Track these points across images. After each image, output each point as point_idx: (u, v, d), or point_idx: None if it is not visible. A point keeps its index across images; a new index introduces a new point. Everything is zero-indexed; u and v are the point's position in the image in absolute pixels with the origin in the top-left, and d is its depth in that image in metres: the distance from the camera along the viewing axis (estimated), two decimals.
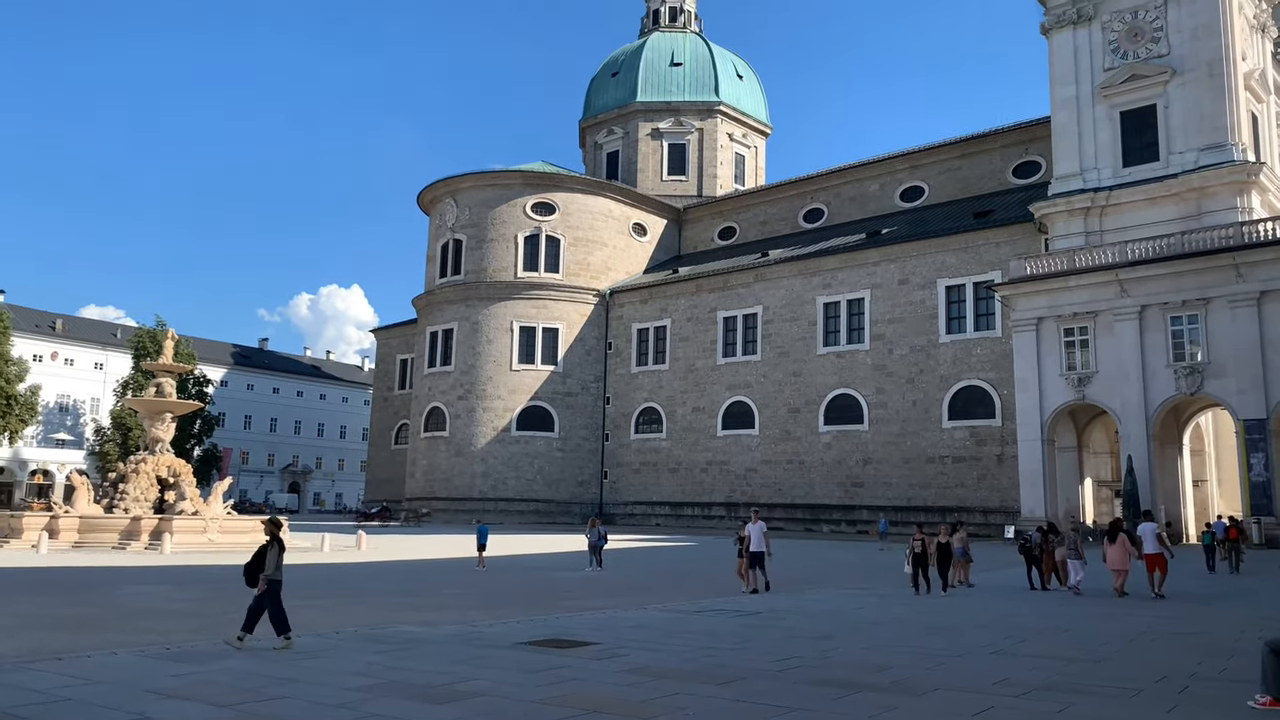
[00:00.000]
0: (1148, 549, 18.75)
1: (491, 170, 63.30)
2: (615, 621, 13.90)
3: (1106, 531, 19.01)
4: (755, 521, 18.76)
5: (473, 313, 61.28)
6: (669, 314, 59.23)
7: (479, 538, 25.63)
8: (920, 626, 13.88)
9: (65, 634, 12.03)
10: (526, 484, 59.06)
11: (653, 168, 72.57)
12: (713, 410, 56.16)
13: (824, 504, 50.65)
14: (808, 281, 53.28)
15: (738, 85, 75.86)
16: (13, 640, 11.28)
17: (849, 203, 60.48)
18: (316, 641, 11.33)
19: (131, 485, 32.78)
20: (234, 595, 17.54)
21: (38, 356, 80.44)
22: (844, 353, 51.16)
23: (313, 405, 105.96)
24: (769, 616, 14.66)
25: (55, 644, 10.86)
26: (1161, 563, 18.43)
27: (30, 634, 11.98)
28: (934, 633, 13.18)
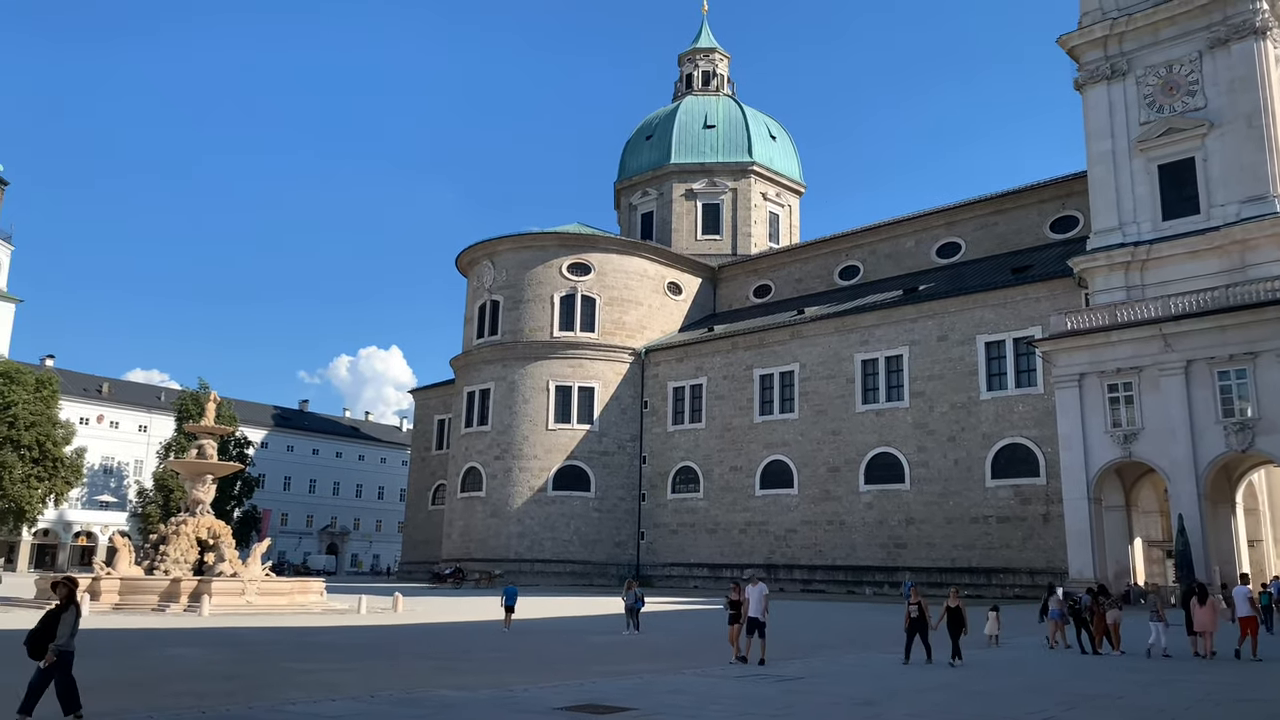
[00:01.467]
0: (1241, 612, 18.37)
1: (528, 232, 64.13)
2: (652, 686, 13.63)
3: (1194, 594, 18.65)
4: (755, 584, 17.10)
5: (509, 373, 61.62)
6: (705, 372, 59.13)
7: (506, 599, 25.46)
8: (966, 692, 13.44)
9: (105, 697, 12.00)
10: (563, 545, 58.67)
11: (687, 227, 73.14)
12: (750, 469, 55.65)
13: (866, 565, 49.70)
14: (845, 339, 53.02)
15: (771, 145, 76.60)
16: (52, 704, 11.27)
17: (885, 259, 60.39)
18: (352, 706, 11.19)
19: (172, 547, 32.94)
20: (272, 658, 17.47)
21: (84, 419, 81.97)
22: (883, 410, 50.64)
23: (351, 466, 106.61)
24: (809, 682, 14.30)
25: (96, 707, 10.82)
26: (1254, 625, 18.27)
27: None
28: (982, 699, 12.76)
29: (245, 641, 20.61)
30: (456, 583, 56.34)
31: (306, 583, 35.76)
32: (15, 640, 18.71)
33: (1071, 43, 44.35)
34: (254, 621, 25.89)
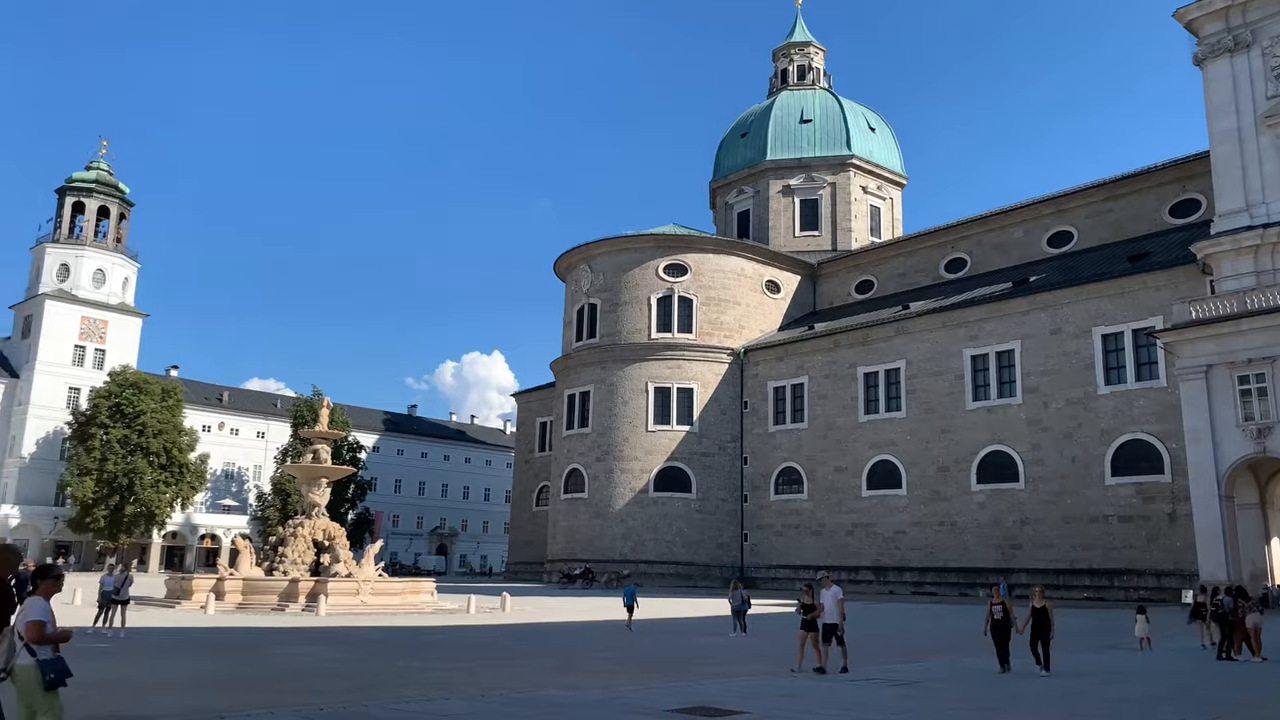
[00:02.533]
0: None
1: (623, 235, 64.29)
2: (763, 689, 13.38)
3: None
4: (829, 587, 15.99)
5: (608, 375, 61.91)
6: (806, 371, 58.23)
7: (626, 599, 25.56)
8: (1096, 698, 12.78)
9: (228, 693, 12.40)
10: (666, 546, 58.61)
11: (784, 224, 72.25)
12: (856, 470, 54.54)
13: (979, 567, 48.12)
14: (952, 334, 51.49)
15: (870, 138, 75.09)
16: (179, 698, 11.69)
17: (992, 251, 58.48)
18: (465, 705, 11.28)
19: (290, 549, 34.02)
20: (387, 657, 17.84)
21: (206, 427, 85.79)
22: (995, 407, 48.96)
23: (458, 469, 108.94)
24: (925, 687, 13.82)
25: (219, 703, 11.18)
26: None
27: (196, 693, 12.40)
28: (1110, 707, 12.10)
29: (360, 640, 21.11)
30: (587, 583, 56.42)
31: (418, 583, 36.53)
32: (146, 636, 19.54)
33: (1189, 16, 42.02)
34: (368, 621, 26.55)
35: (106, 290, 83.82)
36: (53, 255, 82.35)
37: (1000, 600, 15.66)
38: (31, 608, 6.82)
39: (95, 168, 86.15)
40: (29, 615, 6.76)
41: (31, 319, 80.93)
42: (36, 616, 6.76)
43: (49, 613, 6.86)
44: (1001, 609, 15.50)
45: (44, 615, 6.82)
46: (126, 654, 17.39)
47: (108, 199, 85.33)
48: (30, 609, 6.81)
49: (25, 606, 6.88)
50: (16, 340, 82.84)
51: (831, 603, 15.62)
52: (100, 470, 69.14)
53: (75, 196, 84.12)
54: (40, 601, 6.90)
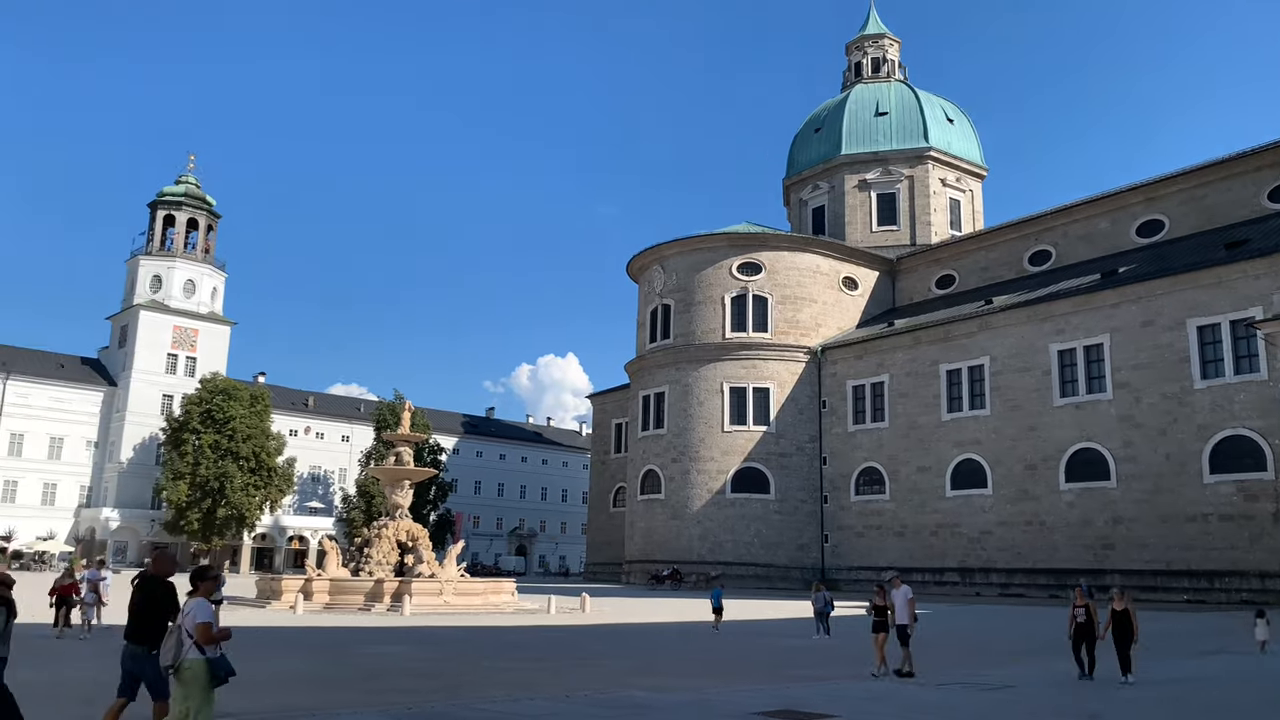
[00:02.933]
0: None
1: (696, 235, 63.93)
2: (849, 692, 13.08)
3: None
4: (898, 586, 15.67)
5: (683, 375, 61.66)
6: (886, 369, 57.14)
7: (714, 601, 25.45)
8: (1197, 707, 12.17)
9: (317, 692, 12.59)
10: (744, 547, 58.11)
11: (861, 220, 71.12)
12: (939, 469, 53.31)
13: (1069, 568, 46.55)
14: (1038, 328, 49.97)
15: (948, 129, 73.48)
16: (270, 697, 11.89)
17: (1078, 242, 56.64)
18: (548, 705, 11.25)
19: (375, 550, 34.62)
20: (470, 657, 17.97)
21: (293, 431, 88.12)
22: (1083, 404, 47.35)
23: (536, 470, 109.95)
24: (1017, 692, 13.35)
25: (307, 701, 11.34)
26: None
27: (285, 692, 12.61)
28: (1213, 714, 11.49)
29: (444, 640, 21.32)
30: (675, 584, 56.05)
31: (499, 583, 36.85)
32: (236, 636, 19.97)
33: None
34: (451, 621, 26.84)
35: (196, 300, 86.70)
36: (146, 267, 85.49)
37: (1084, 602, 14.90)
38: (197, 609, 7.27)
39: (184, 181, 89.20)
40: (197, 617, 7.23)
41: (127, 329, 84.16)
42: (204, 618, 7.24)
43: (213, 613, 7.35)
44: (1085, 612, 14.76)
45: (209, 616, 7.29)
46: None
47: (196, 211, 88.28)
48: (196, 610, 7.27)
49: (190, 607, 7.31)
50: (114, 350, 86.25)
51: (901, 603, 15.26)
52: (193, 474, 71.49)
53: (166, 210, 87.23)
54: (203, 602, 7.36)
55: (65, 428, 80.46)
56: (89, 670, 14.27)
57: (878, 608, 15.59)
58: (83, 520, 79.18)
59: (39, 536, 75.64)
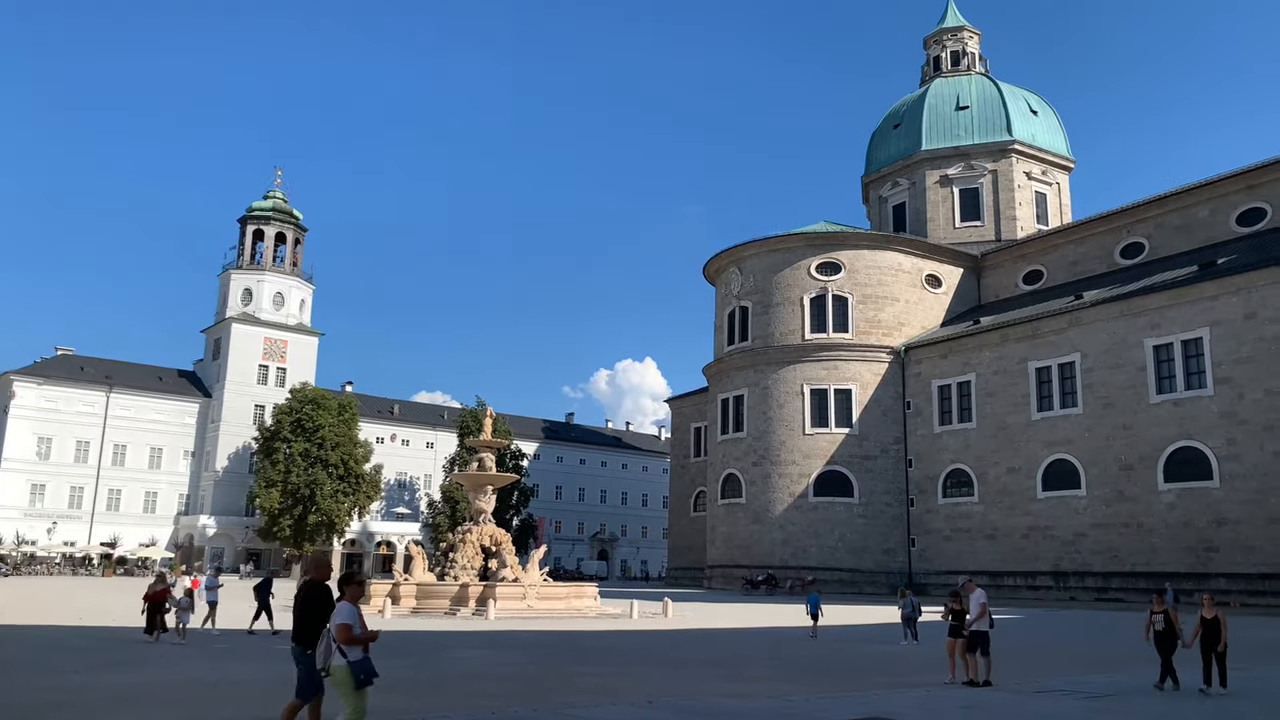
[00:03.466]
0: None
1: (773, 236, 63.27)
2: (939, 700, 12.66)
3: None
4: (972, 590, 15.05)
5: (762, 378, 61.07)
6: (972, 368, 55.69)
7: (810, 606, 25.10)
8: None
9: (402, 696, 12.69)
10: (829, 552, 57.21)
11: (943, 216, 69.56)
12: (1030, 470, 51.71)
13: (1170, 571, 44.66)
14: (1131, 323, 48.13)
15: (1032, 121, 71.43)
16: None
17: (1174, 233, 54.42)
18: (631, 711, 11.13)
19: (459, 554, 34.98)
20: (554, 661, 17.99)
21: (380, 439, 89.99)
22: (1182, 400, 45.41)
23: (616, 475, 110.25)
24: (1121, 700, 12.76)
25: (394, 705, 11.42)
26: None
27: (372, 695, 12.72)
28: None
29: (528, 644, 21.40)
30: (770, 589, 55.28)
31: (581, 587, 36.91)
32: None
33: None
34: (534, 625, 26.94)
35: (285, 312, 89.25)
36: (237, 281, 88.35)
37: (1163, 608, 14.08)
38: (340, 612, 7.50)
39: (272, 196, 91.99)
40: (337, 618, 7.44)
41: (220, 342, 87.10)
42: (344, 619, 7.42)
43: (356, 616, 7.50)
44: (1164, 618, 13.93)
45: (351, 618, 7.44)
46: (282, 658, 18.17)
47: (283, 226, 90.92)
48: (339, 613, 7.50)
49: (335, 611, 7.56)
50: (208, 362, 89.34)
51: (975, 608, 14.63)
52: (284, 482, 73.51)
53: (255, 225, 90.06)
54: (348, 606, 7.56)
55: (164, 438, 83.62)
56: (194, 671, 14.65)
57: (954, 612, 15.03)
58: (181, 527, 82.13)
59: (141, 543, 78.77)
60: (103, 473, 79.81)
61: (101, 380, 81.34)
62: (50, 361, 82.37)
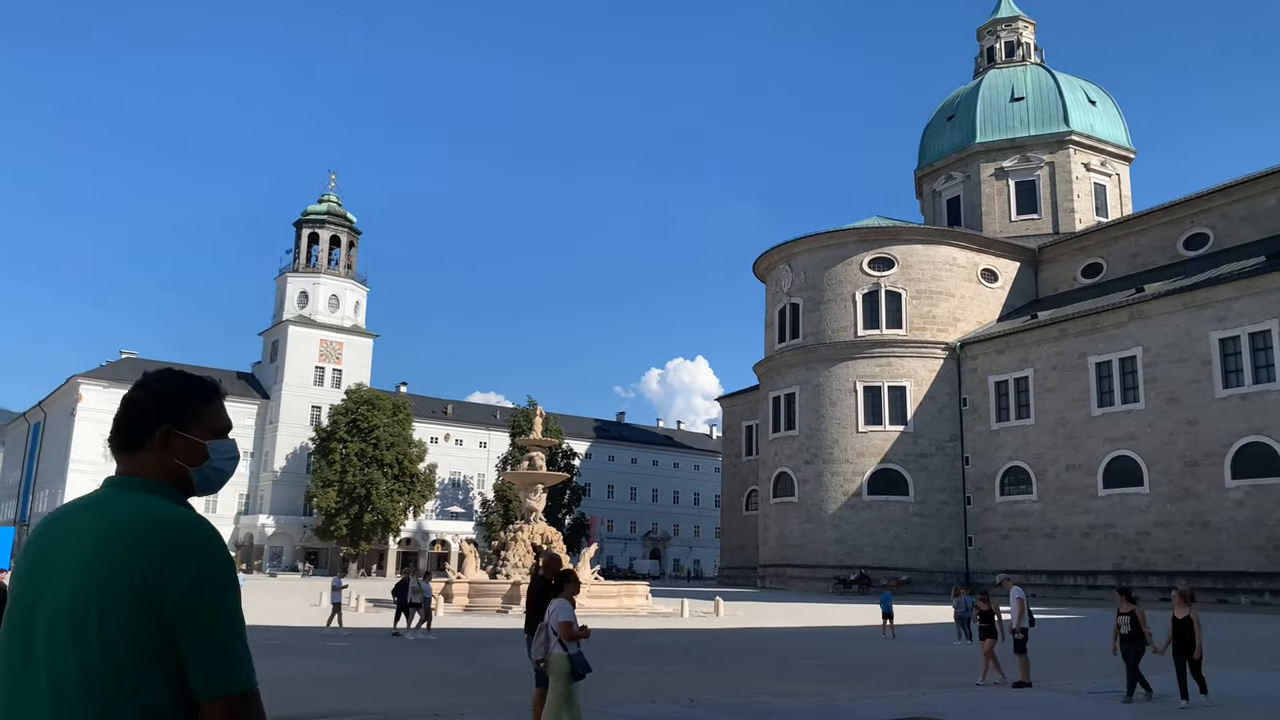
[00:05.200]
0: None
1: (824, 232, 62.58)
2: (989, 701, 12.36)
3: None
4: (1008, 588, 14.68)
5: (813, 375, 60.44)
6: (1030, 363, 54.52)
7: (883, 605, 24.86)
8: None
9: (450, 692, 12.73)
10: (884, 551, 56.41)
11: (999, 209, 68.23)
12: (1090, 468, 50.47)
13: (1239, 571, 43.32)
14: (1196, 315, 46.72)
15: (1090, 111, 69.73)
16: (403, 698, 12.08)
17: (1240, 223, 52.71)
18: (671, 709, 11.02)
19: (511, 553, 35.20)
20: (601, 659, 17.93)
21: (434, 439, 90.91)
22: (1250, 394, 43.95)
23: (667, 474, 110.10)
24: (1172, 702, 12.31)
25: (441, 701, 11.46)
26: None
27: (420, 692, 12.79)
28: None
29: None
30: (863, 589, 54.21)
31: (632, 586, 36.88)
32: (373, 638, 20.46)
33: None
34: (585, 623, 26.90)
35: (340, 314, 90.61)
36: (294, 284, 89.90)
37: (1130, 609, 12.77)
38: (560, 609, 8.18)
39: (326, 200, 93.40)
40: (559, 616, 8.11)
41: (278, 344, 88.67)
42: (566, 617, 8.08)
43: (573, 613, 8.19)
44: (1130, 620, 12.63)
45: (570, 616, 8.11)
46: (361, 653, 18.36)
47: (338, 229, 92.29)
48: (559, 610, 8.17)
49: (554, 607, 8.23)
50: (266, 364, 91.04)
51: (1014, 605, 14.32)
52: (341, 481, 74.63)
53: (310, 228, 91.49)
54: (565, 603, 8.26)
55: None
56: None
57: (982, 613, 14.80)
58: (242, 526, 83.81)
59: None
60: None
61: None
62: (115, 365, 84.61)
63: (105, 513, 1.89)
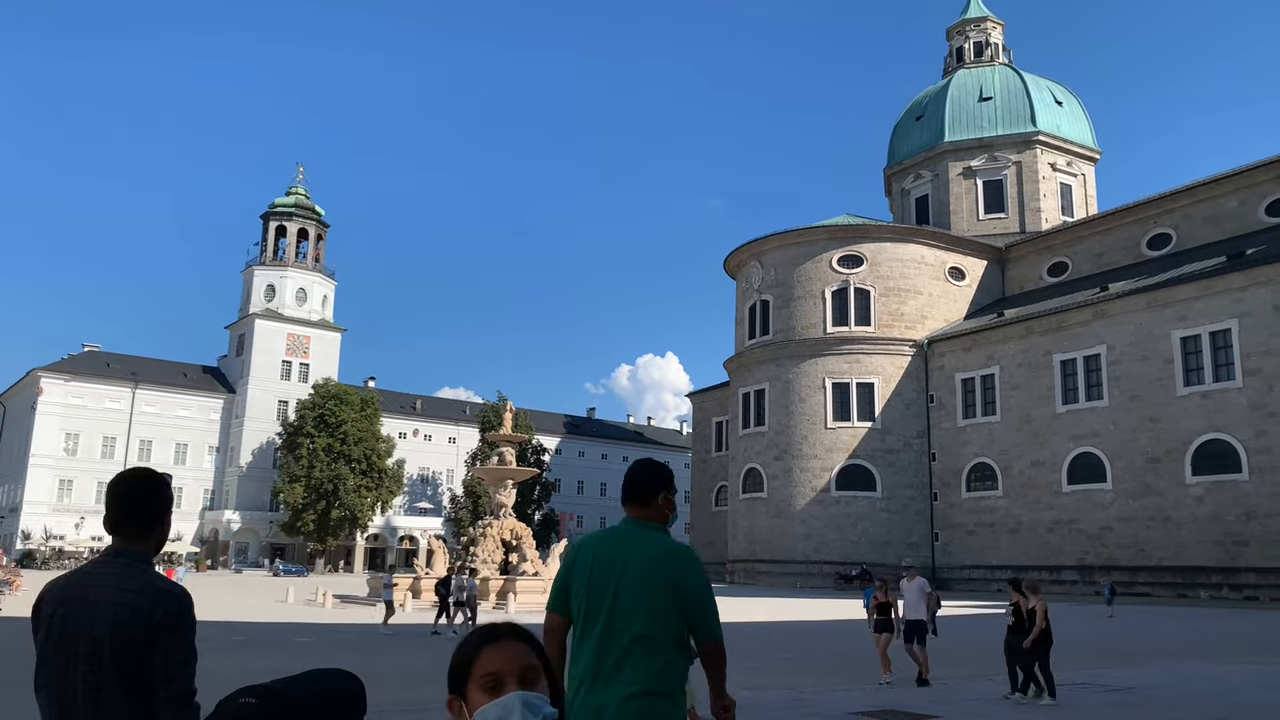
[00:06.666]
0: None
1: (794, 229, 62.88)
2: (956, 694, 12.48)
3: None
4: (912, 579, 13.95)
5: (783, 372, 60.71)
6: (996, 361, 55.12)
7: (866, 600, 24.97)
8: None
9: (422, 688, 12.64)
10: (851, 546, 56.83)
11: (966, 208, 68.86)
12: (1055, 464, 51.15)
13: (1198, 566, 44.10)
14: (1158, 315, 47.46)
15: (1056, 112, 70.53)
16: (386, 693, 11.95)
17: (1202, 224, 53.57)
18: None
19: (480, 548, 35.04)
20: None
21: (402, 434, 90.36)
22: (1210, 393, 44.72)
23: None
24: (1139, 694, 12.50)
25: (409, 698, 11.37)
26: None
27: (403, 688, 12.70)
28: None
29: None
30: (864, 584, 54.11)
31: None
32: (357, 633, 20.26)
33: None
34: None
35: (308, 308, 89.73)
36: (260, 277, 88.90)
37: (1016, 599, 12.11)
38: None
39: (294, 192, 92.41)
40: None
41: (244, 337, 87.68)
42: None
43: None
44: (1013, 612, 11.98)
45: None
46: (356, 648, 18.18)
47: (306, 221, 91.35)
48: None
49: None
50: (232, 358, 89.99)
51: (917, 597, 13.52)
52: (308, 477, 73.97)
53: (277, 221, 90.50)
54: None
55: (189, 434, 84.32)
56: None
57: (879, 605, 13.96)
58: (207, 522, 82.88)
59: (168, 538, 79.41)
60: (129, 468, 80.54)
61: (127, 377, 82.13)
62: (77, 358, 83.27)
63: (644, 540, 3.52)
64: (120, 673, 2.52)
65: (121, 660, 2.52)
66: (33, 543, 72.12)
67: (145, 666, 2.54)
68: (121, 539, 2.80)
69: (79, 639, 2.56)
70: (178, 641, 2.57)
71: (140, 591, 2.60)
